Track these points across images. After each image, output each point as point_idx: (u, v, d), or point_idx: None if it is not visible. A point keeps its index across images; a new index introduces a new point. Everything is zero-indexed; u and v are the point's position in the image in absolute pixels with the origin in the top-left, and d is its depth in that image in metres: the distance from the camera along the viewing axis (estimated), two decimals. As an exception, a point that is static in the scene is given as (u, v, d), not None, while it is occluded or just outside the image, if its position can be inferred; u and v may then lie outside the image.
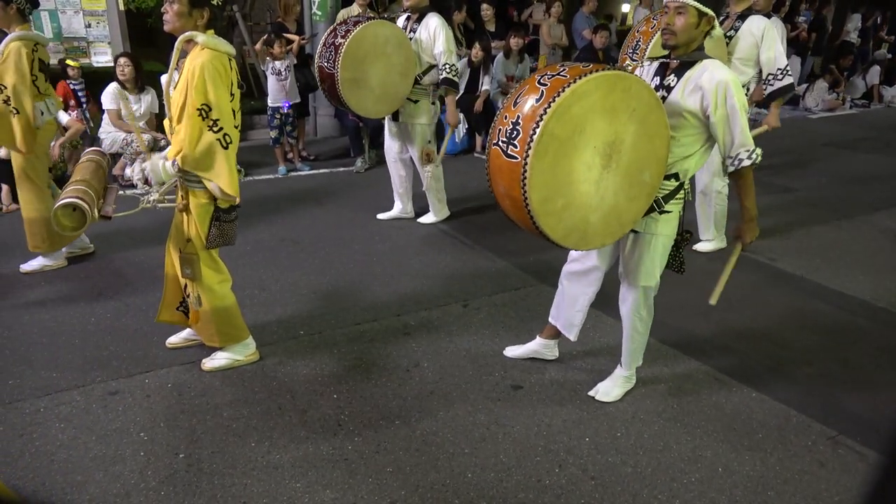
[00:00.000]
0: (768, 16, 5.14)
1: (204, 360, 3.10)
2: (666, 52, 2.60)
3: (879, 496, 0.80)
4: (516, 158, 2.21)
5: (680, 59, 2.53)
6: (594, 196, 2.37)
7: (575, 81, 2.17)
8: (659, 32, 3.98)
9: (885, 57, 11.94)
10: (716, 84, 2.43)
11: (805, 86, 10.83)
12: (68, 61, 5.84)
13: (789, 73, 4.40)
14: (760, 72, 4.42)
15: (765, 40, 4.20)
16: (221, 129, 2.63)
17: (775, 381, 3.15)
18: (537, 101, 2.19)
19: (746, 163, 2.47)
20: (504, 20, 8.56)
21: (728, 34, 4.32)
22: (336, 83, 4.25)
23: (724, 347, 3.44)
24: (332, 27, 4.45)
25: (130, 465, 2.48)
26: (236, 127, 2.74)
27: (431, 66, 4.58)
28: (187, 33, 2.62)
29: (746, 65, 4.32)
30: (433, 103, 4.74)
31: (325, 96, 4.62)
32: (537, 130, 2.16)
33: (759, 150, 2.49)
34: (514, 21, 9.17)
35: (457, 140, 7.24)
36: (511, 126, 2.24)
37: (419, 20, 4.56)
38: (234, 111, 2.70)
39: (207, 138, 2.62)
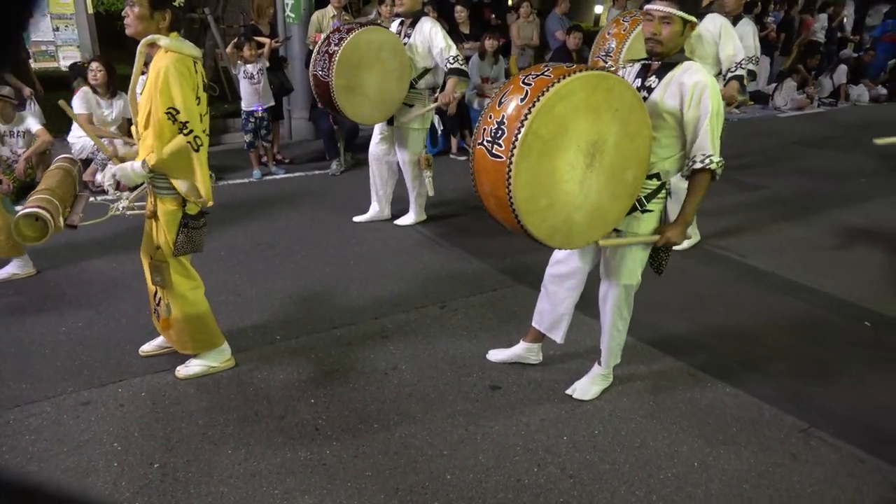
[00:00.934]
0: (739, 16, 5.24)
1: (178, 368, 3.06)
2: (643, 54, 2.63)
3: None
4: (501, 158, 2.22)
5: (662, 60, 2.56)
6: (578, 195, 2.38)
7: (559, 81, 2.19)
8: (632, 36, 4.02)
9: (850, 56, 12.19)
10: (693, 84, 2.46)
11: (774, 85, 11.02)
12: None
13: (752, 62, 4.55)
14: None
15: (722, 37, 4.25)
16: (192, 131, 2.60)
17: (748, 377, 3.20)
18: (521, 100, 2.20)
19: (698, 165, 2.49)
20: (479, 22, 8.58)
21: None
22: (331, 91, 4.25)
23: (698, 344, 3.48)
24: (325, 35, 4.45)
25: (104, 477, 2.44)
26: (204, 131, 2.71)
27: (427, 71, 4.62)
28: (150, 36, 2.59)
29: (706, 63, 4.38)
30: (426, 105, 4.75)
31: (320, 105, 4.63)
32: (522, 130, 2.17)
33: (717, 160, 2.47)
34: (490, 23, 9.19)
35: (432, 142, 7.24)
36: (496, 126, 2.25)
37: (413, 25, 4.58)
38: (200, 115, 2.67)
39: (178, 141, 2.59)
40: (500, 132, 2.23)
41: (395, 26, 4.71)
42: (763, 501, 2.44)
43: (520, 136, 2.17)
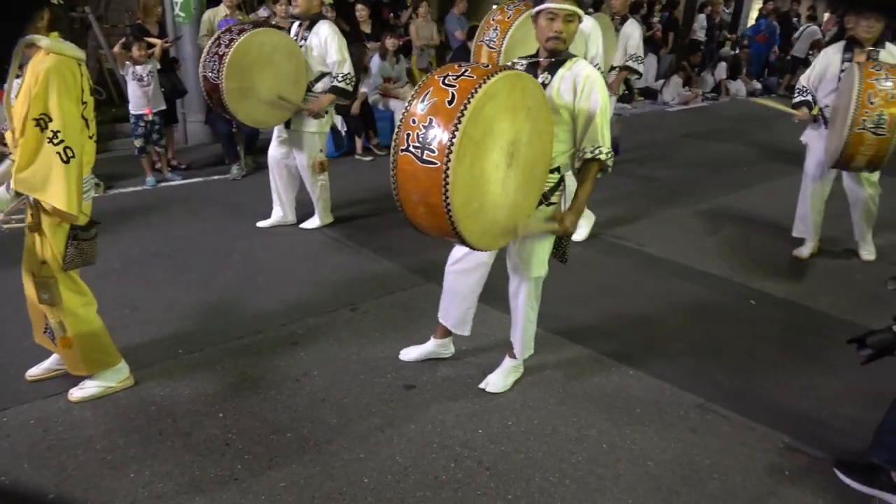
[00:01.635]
0: (625, 17, 5.50)
1: (72, 391, 2.86)
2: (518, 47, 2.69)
3: None
4: (435, 164, 2.13)
5: (551, 57, 2.63)
6: (501, 195, 2.38)
7: (485, 82, 2.15)
8: (514, 25, 4.09)
9: (728, 54, 13.06)
10: (585, 77, 2.56)
11: (662, 81, 11.65)
12: None
13: (637, 61, 5.28)
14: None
15: (591, 39, 4.44)
16: (62, 141, 2.41)
17: (649, 359, 3.36)
18: (450, 103, 2.13)
19: (588, 156, 2.59)
20: (378, 21, 8.54)
21: None
22: (222, 94, 4.08)
23: (603, 331, 3.63)
24: (215, 35, 4.25)
25: (-10, 514, 2.24)
26: (91, 137, 2.55)
27: (324, 74, 4.52)
28: (28, 37, 2.40)
29: None
30: (325, 112, 4.66)
31: (213, 108, 4.44)
32: (456, 134, 2.10)
33: (606, 150, 2.57)
34: (389, 22, 9.18)
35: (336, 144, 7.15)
36: (423, 130, 2.15)
37: (310, 28, 4.48)
38: (87, 120, 2.51)
39: (45, 152, 2.40)
40: (429, 136, 2.14)
41: (293, 29, 4.61)
42: (668, 476, 2.57)
43: (456, 141, 2.09)
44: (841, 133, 3.85)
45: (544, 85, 2.62)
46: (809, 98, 4.44)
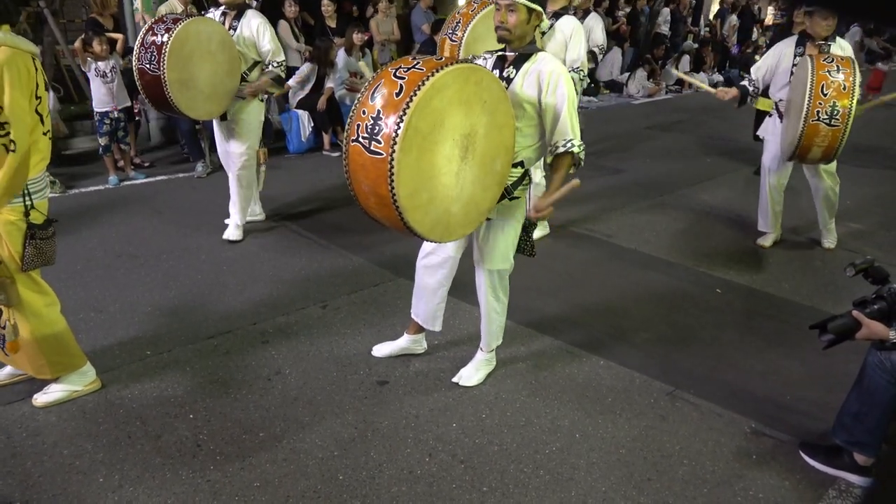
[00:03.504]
0: (588, 11, 5.55)
1: (36, 396, 2.79)
2: (496, 43, 2.71)
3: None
4: (381, 154, 2.17)
5: (516, 51, 2.65)
6: (454, 187, 2.40)
7: (433, 74, 2.18)
8: (477, 17, 4.12)
9: (691, 48, 13.26)
10: (550, 72, 2.57)
11: (627, 74, 11.78)
12: None
13: (599, 50, 5.33)
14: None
15: (572, 40, 4.47)
16: (7, 133, 2.37)
17: (619, 348, 3.41)
18: (397, 94, 2.17)
19: (560, 150, 2.61)
20: (342, 16, 8.46)
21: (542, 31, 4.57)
22: (164, 85, 3.97)
23: (573, 322, 3.67)
24: (147, 25, 4.12)
25: (-48, 525, 2.19)
26: (46, 133, 2.50)
27: (256, 63, 4.44)
28: None
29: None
30: (261, 100, 4.58)
31: (146, 100, 4.29)
32: (401, 125, 2.13)
33: (578, 143, 2.60)
34: (353, 15, 9.10)
35: (303, 139, 7.08)
36: (371, 121, 2.19)
37: (238, 17, 4.38)
38: (41, 116, 2.45)
39: None
40: (377, 128, 2.18)
41: (217, 17, 4.45)
42: (639, 463, 2.62)
43: (400, 132, 2.13)
44: (796, 125, 3.94)
45: (509, 79, 2.63)
46: (749, 87, 4.48)
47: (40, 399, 2.78)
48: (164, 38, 3.90)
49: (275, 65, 4.45)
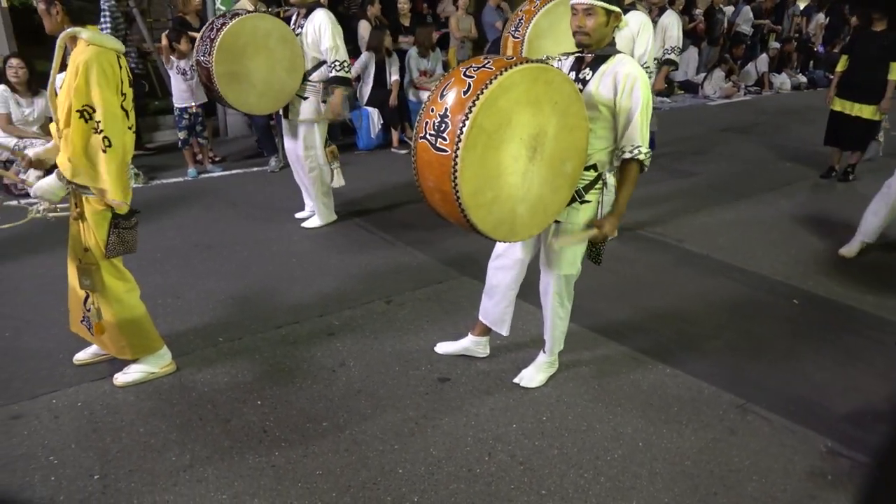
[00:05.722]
0: (664, 8, 5.40)
1: (116, 375, 2.95)
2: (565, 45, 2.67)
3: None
4: (446, 152, 2.20)
5: (594, 53, 2.60)
6: (521, 188, 2.40)
7: (501, 74, 2.18)
8: (539, 14, 4.06)
9: (774, 47, 12.71)
10: (626, 74, 2.52)
11: (703, 75, 11.41)
12: None
13: (675, 52, 5.28)
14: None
15: (640, 35, 4.34)
16: (102, 131, 2.49)
17: (686, 357, 3.31)
18: (465, 93, 2.18)
19: (627, 155, 2.56)
20: (415, 14, 8.55)
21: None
22: (212, 77, 4.09)
23: (638, 328, 3.58)
24: (210, 21, 4.27)
25: (40, 492, 2.33)
26: (130, 128, 2.62)
27: (321, 63, 4.49)
28: (70, 29, 2.47)
29: None
30: (323, 101, 4.60)
31: (208, 95, 4.45)
32: (467, 123, 2.15)
33: (645, 150, 2.55)
34: (425, 14, 9.17)
35: (372, 136, 7.19)
36: (439, 119, 2.22)
37: (307, 16, 4.47)
38: (126, 111, 2.57)
39: (93, 142, 2.49)
40: (443, 125, 2.21)
41: (293, 18, 4.54)
42: (705, 476, 2.53)
43: (465, 130, 2.15)
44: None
45: (585, 81, 2.59)
46: None
47: (120, 379, 2.94)
48: (218, 32, 4.03)
49: (337, 66, 4.42)
